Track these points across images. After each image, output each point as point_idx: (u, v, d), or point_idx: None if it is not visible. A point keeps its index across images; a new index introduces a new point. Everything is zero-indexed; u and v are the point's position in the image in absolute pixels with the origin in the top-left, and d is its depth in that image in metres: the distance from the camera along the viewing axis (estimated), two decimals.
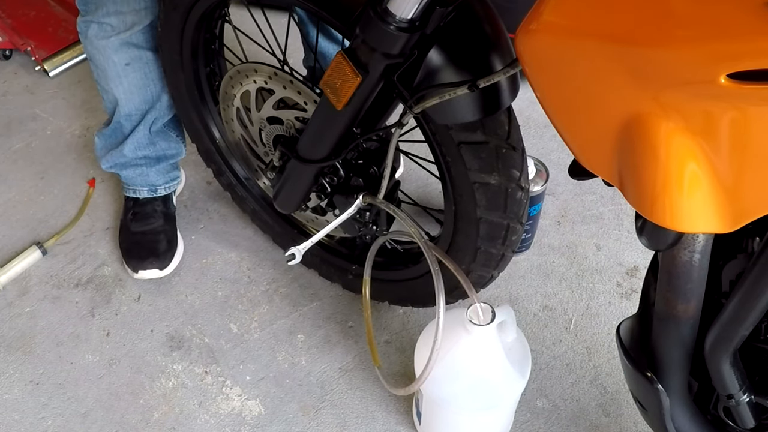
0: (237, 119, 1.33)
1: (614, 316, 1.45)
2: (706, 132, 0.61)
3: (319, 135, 1.09)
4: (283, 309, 1.48)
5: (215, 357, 1.41)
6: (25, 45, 1.94)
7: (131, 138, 1.45)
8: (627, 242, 1.56)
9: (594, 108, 0.68)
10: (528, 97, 0.82)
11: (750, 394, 0.84)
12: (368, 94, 0.98)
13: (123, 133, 1.46)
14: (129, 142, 1.45)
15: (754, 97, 0.55)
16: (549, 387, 1.35)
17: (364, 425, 1.31)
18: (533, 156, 1.44)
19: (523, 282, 1.51)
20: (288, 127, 1.21)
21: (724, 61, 0.54)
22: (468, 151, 1.02)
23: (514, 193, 1.07)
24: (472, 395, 1.10)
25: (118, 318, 1.47)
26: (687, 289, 0.79)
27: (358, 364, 1.39)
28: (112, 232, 1.61)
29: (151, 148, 1.48)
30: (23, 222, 1.64)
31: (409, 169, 1.67)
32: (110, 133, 1.48)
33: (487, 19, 0.94)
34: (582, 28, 0.63)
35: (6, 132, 1.83)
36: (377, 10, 0.86)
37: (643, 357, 0.89)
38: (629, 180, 0.68)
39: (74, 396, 1.36)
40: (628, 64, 0.61)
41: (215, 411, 1.34)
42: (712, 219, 0.65)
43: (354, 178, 1.15)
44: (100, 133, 1.51)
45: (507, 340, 1.11)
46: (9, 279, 1.52)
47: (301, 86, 1.14)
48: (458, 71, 0.91)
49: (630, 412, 1.31)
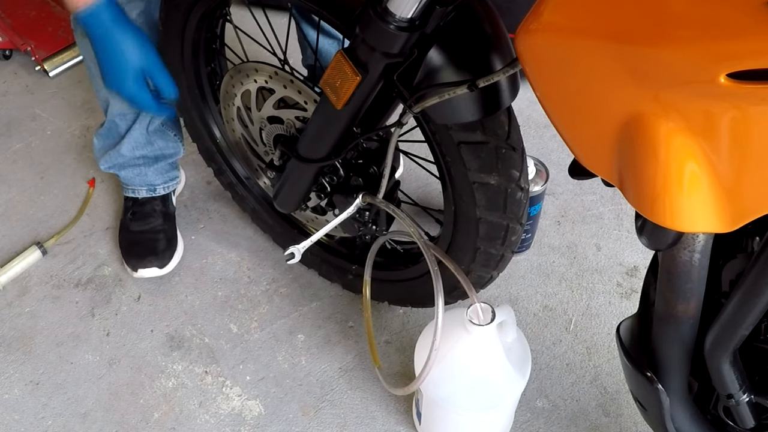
0: (237, 118, 1.33)
1: (614, 316, 1.45)
2: (706, 132, 0.61)
3: (319, 134, 1.09)
4: (283, 309, 1.48)
5: (215, 357, 1.41)
6: (25, 45, 1.94)
7: (128, 137, 1.44)
8: (627, 242, 1.56)
9: (594, 108, 0.68)
10: (528, 97, 0.82)
11: (750, 394, 0.84)
12: (368, 94, 0.98)
13: (119, 132, 1.45)
14: (126, 142, 1.45)
15: (754, 96, 0.55)
16: (549, 387, 1.35)
17: (364, 425, 1.31)
18: (533, 156, 1.44)
19: (523, 282, 1.51)
20: (288, 127, 1.21)
21: (724, 61, 0.54)
22: (468, 151, 1.02)
23: (514, 194, 1.07)
24: (472, 395, 1.10)
25: (118, 318, 1.47)
26: (687, 289, 0.79)
27: (358, 364, 1.39)
28: (112, 232, 1.61)
29: (148, 148, 1.48)
30: (23, 222, 1.64)
31: (409, 169, 1.67)
32: (106, 133, 1.47)
33: (487, 18, 0.94)
34: (582, 27, 0.63)
35: (6, 132, 1.83)
36: (377, 10, 0.86)
37: (643, 357, 0.89)
38: (629, 180, 0.68)
39: (74, 396, 1.36)
40: (628, 63, 0.61)
41: (215, 411, 1.34)
42: (712, 219, 0.65)
43: (354, 178, 1.15)
44: (98, 134, 1.51)
45: (507, 340, 1.11)
46: (9, 279, 1.52)
47: (301, 86, 1.14)
48: (458, 71, 0.91)
49: (630, 412, 1.31)
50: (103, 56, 1.12)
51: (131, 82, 1.12)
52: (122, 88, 1.13)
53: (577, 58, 0.65)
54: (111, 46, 1.10)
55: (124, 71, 1.12)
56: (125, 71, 1.12)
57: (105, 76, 1.14)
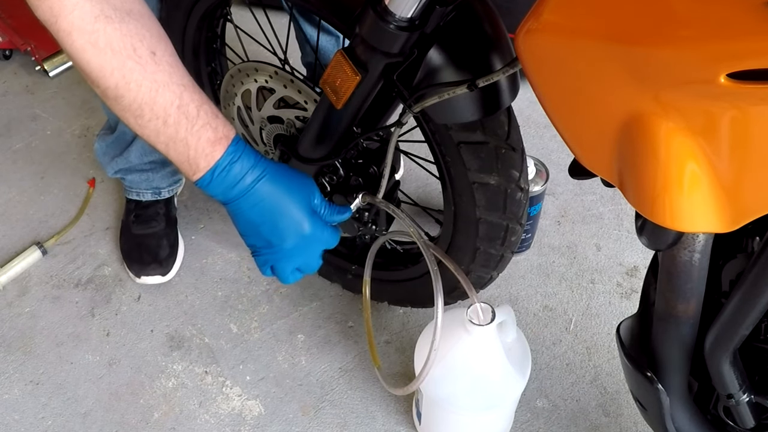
0: (238, 118, 1.33)
1: (614, 316, 1.45)
2: (706, 132, 0.61)
3: (318, 134, 1.09)
4: (283, 309, 1.48)
5: (215, 357, 1.41)
6: (25, 45, 1.94)
7: (136, 144, 1.43)
8: (627, 242, 1.56)
9: (594, 107, 0.68)
10: (528, 97, 0.82)
11: (750, 394, 0.84)
12: (368, 94, 0.98)
13: (126, 140, 1.44)
14: (134, 149, 1.44)
15: (754, 96, 0.55)
16: (549, 387, 1.35)
17: (364, 425, 1.31)
18: (533, 156, 1.44)
19: (523, 282, 1.50)
20: (288, 126, 1.21)
21: (724, 61, 0.54)
22: (467, 151, 1.02)
23: (514, 194, 1.07)
24: (472, 395, 1.10)
25: (118, 318, 1.47)
26: (687, 289, 0.79)
27: (358, 364, 1.39)
28: (112, 232, 1.61)
29: (157, 153, 1.47)
30: (23, 222, 1.64)
31: (409, 169, 1.67)
32: (113, 141, 1.46)
33: (488, 18, 0.94)
34: (582, 27, 0.63)
35: (6, 132, 1.83)
36: (377, 9, 0.86)
37: (643, 357, 0.89)
38: (629, 179, 0.68)
39: (74, 396, 1.36)
40: (628, 63, 0.61)
41: (215, 411, 1.34)
42: (712, 218, 0.65)
43: (353, 178, 1.15)
44: (102, 139, 1.50)
45: (507, 340, 1.11)
46: (9, 279, 1.52)
47: (301, 85, 1.14)
48: (458, 71, 0.91)
49: (630, 412, 1.31)
50: (268, 234, 0.90)
51: (316, 257, 0.94)
52: (311, 267, 0.94)
53: (577, 57, 0.65)
54: (273, 219, 0.89)
55: (313, 253, 0.92)
56: (313, 252, 0.92)
57: (276, 262, 0.93)
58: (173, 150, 0.84)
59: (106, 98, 0.81)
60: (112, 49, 0.76)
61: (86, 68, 0.78)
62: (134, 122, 0.82)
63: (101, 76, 0.78)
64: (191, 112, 0.82)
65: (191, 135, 0.82)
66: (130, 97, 0.79)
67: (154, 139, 0.84)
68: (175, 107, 0.81)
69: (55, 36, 0.76)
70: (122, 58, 0.77)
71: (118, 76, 0.78)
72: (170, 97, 0.80)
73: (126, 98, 0.79)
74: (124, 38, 0.76)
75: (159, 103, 0.80)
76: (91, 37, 0.75)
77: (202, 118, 0.83)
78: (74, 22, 0.74)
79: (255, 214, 0.89)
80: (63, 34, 0.75)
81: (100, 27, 0.75)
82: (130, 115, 0.81)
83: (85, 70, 0.78)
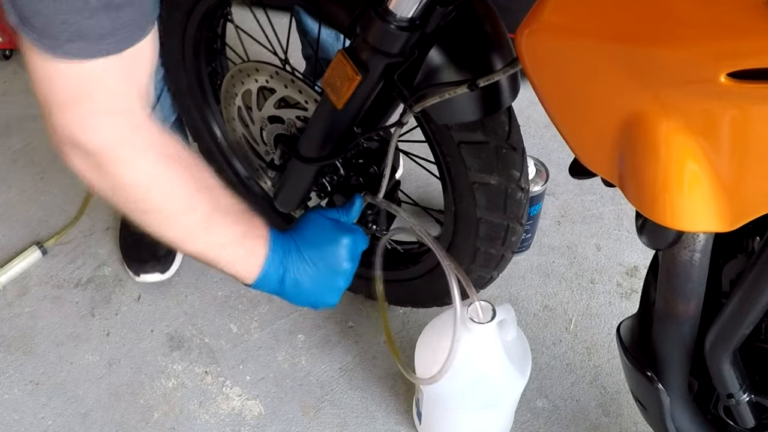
0: (238, 118, 1.33)
1: (614, 316, 1.45)
2: (706, 131, 0.61)
3: (319, 134, 1.09)
4: (283, 309, 1.48)
5: (215, 357, 1.41)
6: None
7: None
8: (627, 242, 1.56)
9: (594, 107, 0.68)
10: (528, 97, 0.82)
11: (750, 394, 0.84)
12: (368, 93, 0.98)
13: None
14: None
15: (755, 96, 0.55)
16: (549, 387, 1.35)
17: (364, 425, 1.31)
18: (533, 156, 1.44)
19: (523, 282, 1.51)
20: (289, 126, 1.21)
21: (724, 60, 0.54)
22: (468, 151, 1.02)
23: (514, 194, 1.07)
24: (473, 393, 1.10)
25: (118, 318, 1.47)
26: (687, 289, 0.79)
27: (358, 364, 1.39)
28: (112, 232, 1.61)
29: None
30: (23, 222, 1.64)
31: (410, 169, 1.67)
32: None
33: (488, 18, 0.94)
34: (582, 27, 0.63)
35: (6, 132, 1.83)
36: (378, 9, 0.86)
37: (643, 356, 0.89)
38: (630, 179, 0.68)
39: (74, 396, 1.36)
40: (628, 63, 0.61)
41: (215, 411, 1.34)
42: (712, 218, 0.65)
43: (354, 178, 1.15)
44: None
45: (507, 339, 1.11)
46: (9, 279, 1.52)
47: (302, 85, 1.15)
48: (458, 70, 0.91)
49: (630, 412, 1.31)
50: (315, 302, 1.02)
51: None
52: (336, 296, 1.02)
53: (577, 57, 0.65)
54: (316, 289, 1.01)
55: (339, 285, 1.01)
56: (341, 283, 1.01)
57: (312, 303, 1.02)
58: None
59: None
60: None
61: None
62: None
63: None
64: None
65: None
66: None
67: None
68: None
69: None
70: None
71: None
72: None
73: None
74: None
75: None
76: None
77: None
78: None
79: (299, 299, 1.01)
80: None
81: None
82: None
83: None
